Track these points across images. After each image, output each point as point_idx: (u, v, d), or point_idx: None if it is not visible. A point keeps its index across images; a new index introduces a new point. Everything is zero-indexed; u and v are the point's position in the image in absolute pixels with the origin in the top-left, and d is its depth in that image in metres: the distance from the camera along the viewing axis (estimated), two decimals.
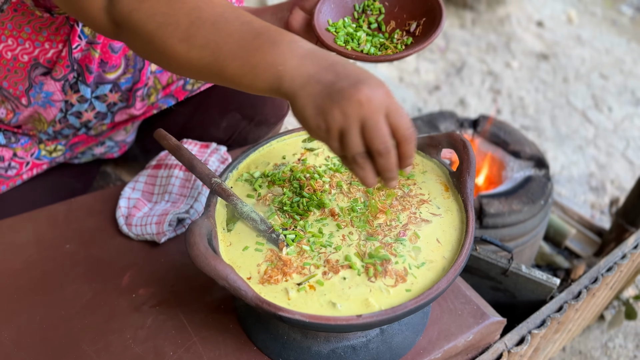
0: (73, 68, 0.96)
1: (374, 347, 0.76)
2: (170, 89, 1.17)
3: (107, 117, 1.09)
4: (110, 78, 1.01)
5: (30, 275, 0.89)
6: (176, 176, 1.01)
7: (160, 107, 1.19)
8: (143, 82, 1.06)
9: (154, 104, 1.16)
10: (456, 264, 0.69)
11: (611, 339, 1.51)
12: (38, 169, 1.12)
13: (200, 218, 0.71)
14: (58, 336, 0.80)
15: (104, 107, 1.06)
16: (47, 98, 0.99)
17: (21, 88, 0.97)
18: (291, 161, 0.86)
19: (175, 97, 1.18)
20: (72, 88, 1.00)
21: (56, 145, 1.12)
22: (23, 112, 1.01)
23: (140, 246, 0.94)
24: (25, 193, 1.10)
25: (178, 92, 1.18)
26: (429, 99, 2.46)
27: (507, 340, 0.89)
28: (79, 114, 1.05)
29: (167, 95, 1.18)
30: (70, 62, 0.95)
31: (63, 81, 0.97)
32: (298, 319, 0.63)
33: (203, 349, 0.78)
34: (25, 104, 0.99)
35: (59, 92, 0.99)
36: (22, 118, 1.03)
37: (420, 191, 0.81)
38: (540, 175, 1.40)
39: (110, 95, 1.04)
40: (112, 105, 1.06)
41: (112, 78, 1.02)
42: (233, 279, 0.63)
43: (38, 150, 1.11)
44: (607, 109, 2.44)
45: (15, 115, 1.02)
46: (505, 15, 3.02)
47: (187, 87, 1.17)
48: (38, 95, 0.98)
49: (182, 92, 1.18)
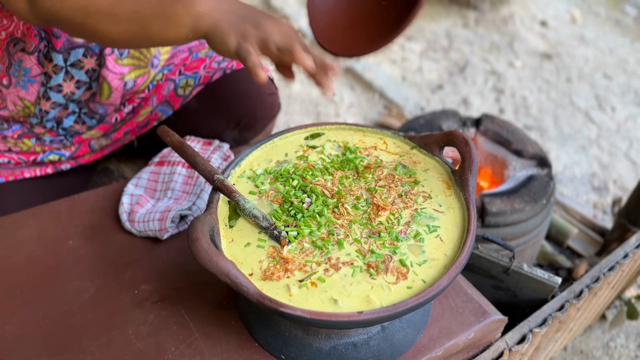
0: (41, 36, 0.96)
1: (375, 344, 0.76)
2: (162, 94, 1.17)
3: (92, 87, 1.08)
4: (79, 41, 1.00)
5: (33, 270, 0.89)
6: (179, 173, 1.01)
7: (160, 117, 1.20)
8: None
9: (150, 109, 1.16)
10: (457, 261, 0.69)
11: (613, 339, 1.51)
12: (40, 171, 1.13)
13: (203, 214, 0.71)
14: (60, 331, 0.80)
15: (83, 75, 1.05)
16: (26, 75, 0.99)
17: (1, 67, 0.97)
18: (293, 158, 0.87)
19: (172, 106, 1.19)
20: (46, 58, 0.99)
21: (52, 139, 1.11)
22: (6, 97, 1.01)
23: (142, 242, 0.94)
24: (16, 189, 1.10)
25: (173, 99, 1.18)
26: (432, 98, 2.46)
27: (508, 338, 0.89)
28: (59, 87, 1.04)
29: (163, 102, 1.18)
30: (37, 31, 0.95)
31: (36, 53, 0.97)
32: (299, 315, 0.63)
33: (205, 345, 0.78)
34: (6, 84, 0.99)
35: (35, 65, 0.99)
36: (6, 114, 1.03)
37: (422, 189, 0.81)
38: (543, 175, 1.40)
39: (85, 60, 1.03)
40: (91, 72, 1.05)
41: (80, 41, 1.00)
42: (235, 275, 0.64)
43: (42, 156, 1.11)
44: (611, 109, 2.44)
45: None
46: (509, 14, 3.02)
47: (179, 92, 1.17)
48: (18, 74, 0.98)
49: (175, 98, 1.18)
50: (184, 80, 1.19)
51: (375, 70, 2.53)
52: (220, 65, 1.19)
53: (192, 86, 1.18)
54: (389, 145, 0.90)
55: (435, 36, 2.88)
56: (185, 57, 1.22)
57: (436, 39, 2.85)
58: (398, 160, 0.87)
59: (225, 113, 1.20)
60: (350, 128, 0.93)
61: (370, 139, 0.92)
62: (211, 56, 1.21)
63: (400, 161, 0.87)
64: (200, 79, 1.18)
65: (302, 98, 2.41)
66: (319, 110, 2.35)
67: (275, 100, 1.26)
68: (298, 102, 2.39)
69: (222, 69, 1.18)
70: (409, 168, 0.85)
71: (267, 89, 1.23)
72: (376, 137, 0.92)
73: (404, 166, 0.86)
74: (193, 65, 1.20)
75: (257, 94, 1.20)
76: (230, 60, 1.19)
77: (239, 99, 1.19)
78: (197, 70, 1.19)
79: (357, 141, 0.91)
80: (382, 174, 0.84)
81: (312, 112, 2.35)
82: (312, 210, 0.77)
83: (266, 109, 1.24)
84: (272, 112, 1.26)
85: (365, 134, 0.93)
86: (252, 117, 1.22)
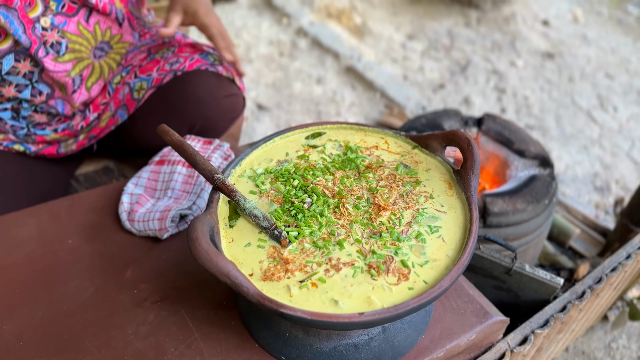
0: None
1: (376, 346, 0.76)
2: (119, 98, 1.17)
3: (37, 87, 1.07)
4: (3, 49, 0.99)
5: (32, 270, 0.89)
6: (179, 172, 1.01)
7: (119, 122, 1.19)
8: (35, 42, 1.02)
9: (106, 105, 1.17)
10: (459, 262, 0.68)
11: (614, 340, 1.51)
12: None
13: (203, 214, 0.70)
14: (59, 331, 0.80)
15: (21, 80, 1.04)
16: None
17: None
18: (294, 158, 0.86)
19: (127, 109, 1.18)
20: None
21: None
22: None
23: (142, 242, 0.94)
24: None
25: (129, 103, 1.17)
26: (434, 97, 2.46)
27: (510, 339, 0.88)
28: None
29: (121, 106, 1.18)
30: None
31: None
32: (300, 316, 0.62)
33: (204, 345, 0.77)
34: None
35: None
36: None
37: (424, 189, 0.81)
38: (545, 175, 1.39)
39: (20, 65, 1.02)
40: (29, 74, 1.04)
41: (5, 48, 0.99)
42: (235, 276, 0.63)
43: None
44: (613, 109, 2.43)
45: None
46: (511, 13, 3.01)
47: (134, 95, 1.16)
48: None
49: (131, 102, 1.17)
50: (139, 83, 1.17)
51: (376, 69, 2.52)
52: (172, 67, 1.16)
53: (145, 89, 1.16)
54: (391, 144, 0.90)
55: (436, 35, 2.87)
56: (143, 57, 1.20)
57: (438, 38, 2.85)
58: (399, 160, 0.86)
59: (177, 117, 1.16)
60: (351, 127, 0.93)
61: (371, 139, 0.91)
62: (166, 57, 1.18)
63: (402, 161, 0.86)
64: (153, 81, 1.16)
65: (303, 97, 2.41)
66: (320, 110, 2.35)
67: (235, 101, 1.21)
68: (299, 101, 2.39)
69: (174, 71, 1.15)
70: (410, 168, 0.85)
71: (224, 90, 1.18)
72: (378, 136, 0.91)
73: (406, 166, 0.85)
74: (147, 68, 1.18)
75: (211, 97, 1.16)
76: (183, 62, 1.16)
77: (191, 102, 1.15)
78: (150, 73, 1.17)
79: (358, 140, 0.90)
80: (384, 173, 0.83)
81: (313, 111, 2.34)
82: (313, 210, 0.76)
83: (222, 111, 1.19)
84: (231, 114, 1.21)
85: (366, 133, 0.92)
86: (207, 121, 1.18)
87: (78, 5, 1.08)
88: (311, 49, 2.69)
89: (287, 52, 2.67)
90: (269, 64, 2.60)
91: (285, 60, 2.63)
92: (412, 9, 3.06)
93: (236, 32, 2.78)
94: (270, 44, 2.72)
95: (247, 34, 2.78)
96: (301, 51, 2.68)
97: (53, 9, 1.04)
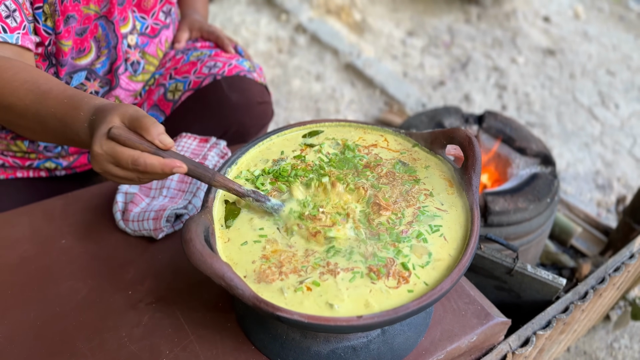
0: (51, 62, 0.96)
1: (375, 348, 0.74)
2: (153, 99, 1.16)
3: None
4: (81, 64, 1.00)
5: (25, 270, 0.87)
6: None
7: None
8: (121, 58, 1.04)
9: (153, 84, 1.16)
10: (460, 263, 0.67)
11: (617, 340, 1.49)
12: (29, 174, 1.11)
13: (197, 214, 0.69)
14: (52, 333, 0.78)
15: None
16: None
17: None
18: (290, 156, 0.84)
19: (163, 111, 1.17)
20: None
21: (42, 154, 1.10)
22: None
23: (137, 242, 0.92)
24: (9, 187, 1.08)
25: (162, 104, 1.17)
26: (434, 94, 2.44)
27: (512, 341, 0.87)
28: None
29: (153, 107, 1.17)
30: (45, 55, 0.95)
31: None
32: (296, 319, 0.61)
33: (200, 348, 0.76)
34: None
35: None
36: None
37: (423, 187, 0.79)
38: (547, 173, 1.37)
39: (88, 83, 1.03)
40: (94, 94, 1.04)
41: (84, 64, 1.00)
42: (230, 278, 0.62)
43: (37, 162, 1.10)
44: (614, 106, 2.41)
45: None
46: (512, 10, 2.99)
47: (168, 96, 1.16)
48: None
49: (165, 103, 1.16)
50: (174, 84, 1.16)
51: (376, 66, 2.50)
52: (211, 70, 1.16)
53: (182, 91, 1.16)
54: (390, 142, 0.88)
55: (437, 32, 2.85)
56: (178, 58, 1.19)
57: (438, 35, 2.83)
58: (398, 158, 0.84)
59: (213, 120, 1.16)
60: (350, 125, 0.91)
61: (371, 136, 0.89)
62: (203, 60, 1.17)
63: (401, 159, 0.84)
64: (190, 84, 1.15)
65: (302, 94, 2.39)
66: (319, 107, 2.33)
67: (266, 108, 1.22)
68: (298, 98, 2.37)
69: (213, 75, 1.15)
70: (408, 166, 0.83)
71: (258, 97, 1.19)
72: (377, 134, 0.90)
73: (404, 164, 0.83)
74: (184, 70, 1.17)
75: (247, 103, 1.17)
76: (222, 67, 1.16)
77: (228, 107, 1.16)
78: (187, 75, 1.16)
79: (357, 138, 0.89)
80: (382, 172, 0.81)
81: (312, 109, 2.32)
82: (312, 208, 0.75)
83: (255, 118, 1.20)
84: (262, 121, 1.23)
85: (366, 131, 0.90)
86: (241, 126, 1.19)
87: (160, 26, 1.13)
88: (310, 45, 2.67)
89: (286, 49, 2.65)
90: (267, 61, 2.57)
91: (284, 56, 2.61)
92: (412, 5, 3.04)
93: (235, 28, 2.76)
94: (268, 40, 2.70)
95: (245, 30, 2.76)
96: (300, 48, 2.66)
97: (138, 28, 1.08)
